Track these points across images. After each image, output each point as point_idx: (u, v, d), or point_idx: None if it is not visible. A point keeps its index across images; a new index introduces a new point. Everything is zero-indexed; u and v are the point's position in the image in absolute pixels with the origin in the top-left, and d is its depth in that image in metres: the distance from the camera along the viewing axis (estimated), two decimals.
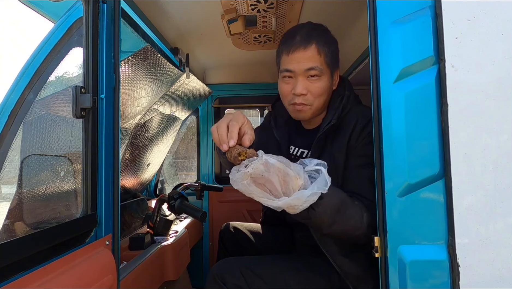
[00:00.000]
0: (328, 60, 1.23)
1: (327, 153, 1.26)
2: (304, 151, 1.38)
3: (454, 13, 0.92)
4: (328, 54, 1.22)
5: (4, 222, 0.93)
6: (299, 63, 1.21)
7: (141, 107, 1.72)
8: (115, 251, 1.06)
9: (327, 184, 0.93)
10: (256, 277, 1.23)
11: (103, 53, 1.05)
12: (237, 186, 0.94)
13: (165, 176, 2.91)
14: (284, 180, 0.94)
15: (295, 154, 1.39)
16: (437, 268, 0.90)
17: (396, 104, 0.93)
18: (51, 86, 1.02)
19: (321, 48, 1.21)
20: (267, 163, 0.93)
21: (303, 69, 1.21)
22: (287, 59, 1.23)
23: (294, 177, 0.92)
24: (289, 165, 0.95)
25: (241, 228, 1.65)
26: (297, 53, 1.20)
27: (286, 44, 1.24)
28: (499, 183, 0.89)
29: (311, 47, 1.20)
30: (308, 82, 1.22)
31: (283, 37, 1.28)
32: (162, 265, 1.65)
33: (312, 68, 1.20)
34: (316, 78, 1.21)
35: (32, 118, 0.98)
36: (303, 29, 1.24)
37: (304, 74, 1.21)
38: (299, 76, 1.22)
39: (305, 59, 1.20)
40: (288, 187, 0.94)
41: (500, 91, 0.91)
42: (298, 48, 1.20)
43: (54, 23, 1.03)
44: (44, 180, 1.04)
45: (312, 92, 1.23)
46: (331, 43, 1.25)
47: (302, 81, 1.22)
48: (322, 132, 1.24)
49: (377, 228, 0.96)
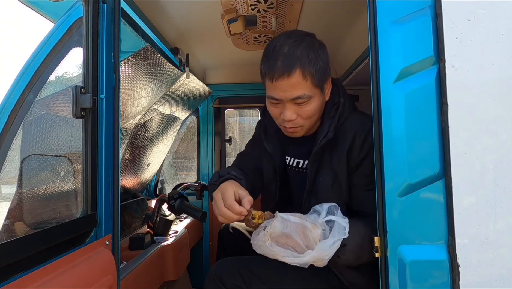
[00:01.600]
0: (316, 81, 1.13)
1: (326, 166, 1.22)
2: (300, 161, 1.33)
3: (454, 13, 0.92)
4: (316, 74, 1.12)
5: (4, 222, 0.93)
6: (284, 92, 1.12)
7: (141, 107, 1.72)
8: (115, 251, 1.06)
9: (345, 228, 0.98)
10: (255, 277, 1.24)
11: (103, 53, 1.05)
12: (261, 250, 1.01)
13: (165, 176, 2.91)
14: (304, 233, 0.98)
15: (292, 165, 1.35)
16: (437, 268, 0.90)
17: (396, 104, 0.93)
18: (51, 86, 1.02)
19: (306, 71, 1.10)
20: (283, 219, 0.98)
21: (289, 98, 1.13)
22: (271, 86, 1.14)
23: (312, 227, 0.97)
24: (304, 217, 1.01)
25: (240, 228, 1.65)
26: (280, 81, 1.10)
27: (268, 67, 1.14)
28: (499, 183, 0.89)
29: (295, 74, 1.09)
30: (297, 107, 1.15)
31: (264, 55, 1.17)
32: (162, 265, 1.65)
33: (299, 97, 1.12)
34: (305, 103, 1.14)
35: (32, 118, 0.98)
36: (284, 48, 1.12)
37: (291, 102, 1.14)
38: (286, 103, 1.15)
39: (290, 87, 1.11)
40: (309, 240, 0.98)
41: (500, 91, 0.91)
42: (281, 76, 1.10)
43: (54, 23, 1.03)
44: (44, 180, 1.04)
45: (302, 115, 1.16)
46: (317, 58, 1.13)
47: (290, 107, 1.15)
48: (319, 146, 1.19)
49: (377, 228, 0.96)
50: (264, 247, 1.00)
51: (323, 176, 1.22)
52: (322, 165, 1.23)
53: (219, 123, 2.79)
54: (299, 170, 1.33)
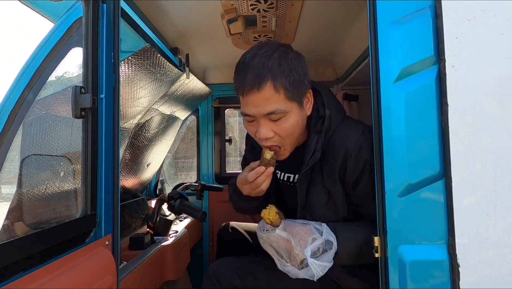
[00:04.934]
0: (290, 94, 1.04)
1: (318, 184, 1.17)
2: (290, 175, 1.28)
3: (454, 13, 0.92)
4: (289, 87, 1.03)
5: (4, 222, 0.93)
6: (256, 107, 1.04)
7: (141, 107, 1.72)
8: (115, 251, 1.06)
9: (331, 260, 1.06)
10: (252, 277, 1.24)
11: (103, 53, 1.05)
12: (260, 240, 1.17)
13: (165, 176, 2.91)
14: (291, 253, 1.10)
15: (283, 179, 1.31)
16: (437, 268, 0.90)
17: (396, 104, 0.93)
18: (51, 86, 1.01)
19: (278, 84, 1.02)
20: (279, 238, 1.10)
21: (262, 114, 1.05)
22: (243, 102, 1.07)
23: (297, 255, 1.07)
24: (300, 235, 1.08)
25: (239, 228, 1.65)
26: (251, 96, 1.03)
27: (238, 81, 1.07)
28: (499, 183, 0.89)
29: (265, 87, 1.01)
30: (273, 124, 1.06)
31: (235, 69, 1.10)
32: (162, 265, 1.65)
33: (272, 112, 1.04)
34: (280, 119, 1.05)
35: (32, 118, 0.98)
36: (254, 60, 1.03)
37: (265, 118, 1.06)
38: (260, 120, 1.07)
39: (261, 102, 1.03)
40: (294, 259, 1.09)
41: (500, 91, 0.91)
42: (251, 90, 1.02)
43: (54, 23, 1.02)
44: (44, 180, 1.04)
45: (279, 133, 1.08)
46: (290, 69, 1.04)
47: (265, 124, 1.07)
48: (306, 167, 1.14)
49: (377, 228, 0.96)
50: (262, 242, 1.16)
51: (316, 194, 1.18)
52: (313, 182, 1.18)
53: (219, 123, 2.79)
54: (290, 184, 1.29)
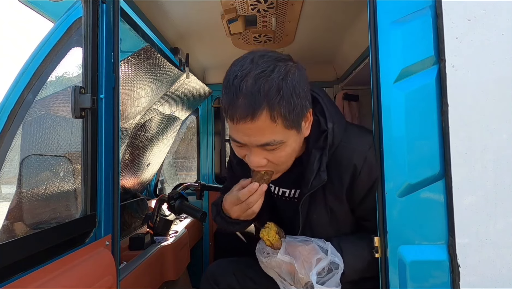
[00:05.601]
0: (289, 123, 0.89)
1: (319, 203, 1.07)
2: (285, 190, 1.17)
3: (454, 13, 0.92)
4: (289, 116, 0.88)
5: (4, 222, 0.93)
6: (249, 137, 0.90)
7: (141, 107, 1.72)
8: (115, 252, 1.06)
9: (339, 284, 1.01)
10: (249, 279, 1.25)
11: (103, 53, 1.05)
12: (260, 264, 1.11)
13: (165, 176, 2.91)
14: (295, 276, 1.04)
15: (277, 193, 1.20)
16: (437, 268, 0.90)
17: (396, 104, 0.93)
18: (50, 86, 1.01)
19: (275, 113, 0.86)
20: (281, 262, 1.04)
21: (255, 144, 0.91)
22: (233, 128, 0.91)
23: (301, 278, 1.02)
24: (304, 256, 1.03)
25: None
26: (243, 125, 0.87)
27: (227, 103, 0.88)
28: (499, 183, 0.89)
29: (261, 116, 0.85)
30: (266, 152, 0.93)
31: (223, 84, 0.92)
32: (162, 265, 1.65)
33: (268, 144, 0.90)
34: (276, 149, 0.92)
35: (31, 118, 0.98)
36: (247, 81, 0.86)
37: (258, 147, 0.92)
38: (252, 148, 0.93)
39: (255, 132, 0.88)
40: (299, 282, 1.04)
41: (500, 91, 0.90)
42: (243, 119, 0.86)
43: (53, 23, 1.02)
44: (43, 180, 1.04)
45: (273, 161, 0.95)
46: (291, 95, 0.87)
47: (257, 154, 0.93)
48: (312, 189, 1.02)
49: (377, 228, 0.96)
50: (262, 265, 1.11)
51: (317, 214, 1.10)
52: (314, 201, 1.08)
53: (219, 123, 2.79)
54: (286, 199, 1.19)
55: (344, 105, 2.46)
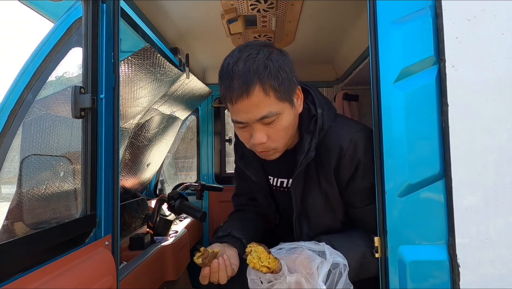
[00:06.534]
0: (280, 94, 1.01)
1: (314, 187, 1.15)
2: (283, 180, 1.25)
3: (454, 13, 0.92)
4: (279, 88, 1.00)
5: (4, 222, 0.93)
6: (247, 114, 1.01)
7: (141, 107, 1.72)
8: (115, 252, 1.06)
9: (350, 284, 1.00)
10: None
11: (103, 53, 1.05)
12: None
13: (165, 176, 2.91)
14: None
15: (276, 185, 1.28)
16: (437, 268, 0.90)
17: (396, 104, 0.93)
18: (50, 86, 1.01)
19: (266, 86, 0.98)
20: (290, 284, 0.95)
21: (255, 119, 1.01)
22: (233, 109, 1.03)
23: None
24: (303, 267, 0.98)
25: None
26: (241, 103, 0.99)
27: (224, 88, 1.02)
28: (499, 183, 0.89)
29: (254, 91, 0.97)
30: (266, 128, 1.03)
31: (219, 76, 1.05)
32: (162, 265, 1.65)
33: (265, 117, 1.00)
34: (274, 122, 1.03)
35: (31, 118, 0.98)
36: (238, 65, 0.99)
37: (258, 122, 1.02)
38: (254, 125, 1.03)
39: (252, 108, 0.99)
40: None
41: (500, 91, 0.90)
42: (240, 97, 0.98)
43: (53, 23, 1.02)
44: (43, 180, 1.04)
45: (273, 137, 1.05)
46: (278, 69, 1.00)
47: (258, 130, 1.03)
48: (300, 168, 1.11)
49: (377, 228, 0.96)
50: None
51: (312, 198, 1.16)
52: (309, 186, 1.15)
53: (219, 123, 2.79)
54: (284, 189, 1.26)
55: (344, 105, 2.46)
